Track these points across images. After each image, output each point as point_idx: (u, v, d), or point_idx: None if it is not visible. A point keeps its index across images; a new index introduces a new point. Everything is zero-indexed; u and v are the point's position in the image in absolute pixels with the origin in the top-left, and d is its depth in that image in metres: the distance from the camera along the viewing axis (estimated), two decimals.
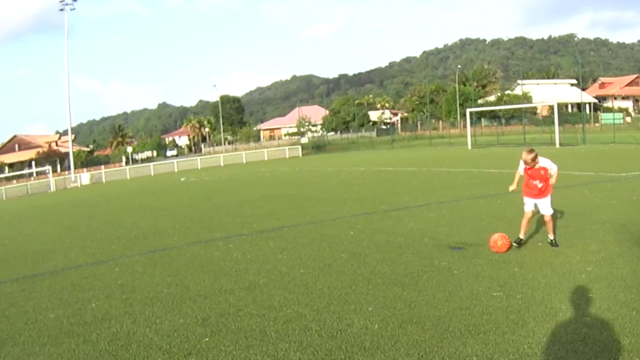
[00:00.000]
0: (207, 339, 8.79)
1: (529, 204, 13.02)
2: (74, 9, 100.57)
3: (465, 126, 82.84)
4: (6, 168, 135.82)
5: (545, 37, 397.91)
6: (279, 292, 10.97)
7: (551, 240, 12.75)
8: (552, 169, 12.71)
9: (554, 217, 12.90)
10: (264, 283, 11.84)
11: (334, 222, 18.83)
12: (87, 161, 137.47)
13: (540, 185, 12.75)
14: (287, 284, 11.60)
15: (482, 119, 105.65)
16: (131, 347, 8.85)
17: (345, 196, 26.24)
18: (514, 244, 12.68)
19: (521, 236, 12.83)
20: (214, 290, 11.68)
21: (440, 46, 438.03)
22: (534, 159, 12.56)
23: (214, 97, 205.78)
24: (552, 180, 12.80)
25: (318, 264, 12.94)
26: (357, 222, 18.25)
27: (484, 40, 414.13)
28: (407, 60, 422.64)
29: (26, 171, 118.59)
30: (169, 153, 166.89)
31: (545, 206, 12.84)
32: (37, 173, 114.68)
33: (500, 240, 12.50)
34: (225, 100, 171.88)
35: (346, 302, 9.86)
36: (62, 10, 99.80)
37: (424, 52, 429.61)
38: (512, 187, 13.50)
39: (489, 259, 11.90)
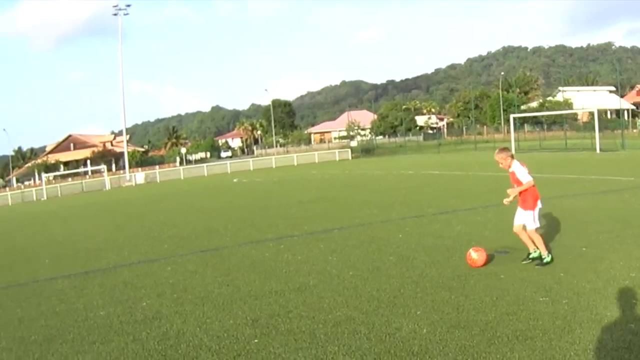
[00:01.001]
0: (256, 341, 8.63)
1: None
2: (127, 14, 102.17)
3: (508, 131, 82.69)
4: (61, 166, 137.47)
5: (584, 46, 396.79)
6: (328, 294, 10.80)
7: (539, 264, 11.69)
8: (522, 178, 11.99)
9: (535, 233, 11.87)
10: (313, 285, 11.69)
11: (382, 225, 18.62)
12: (141, 161, 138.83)
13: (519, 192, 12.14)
14: (337, 286, 11.42)
15: (525, 125, 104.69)
16: (180, 346, 8.73)
17: (394, 199, 26.04)
18: (523, 262, 12.10)
19: (531, 251, 11.95)
20: (264, 291, 11.54)
21: (484, 53, 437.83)
22: (500, 159, 12.08)
23: (265, 100, 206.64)
24: (512, 191, 12.08)
25: (367, 267, 12.75)
26: (405, 225, 18.02)
27: (526, 48, 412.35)
28: (452, 67, 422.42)
29: (81, 169, 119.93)
30: (223, 154, 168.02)
31: (518, 216, 12.10)
32: (92, 172, 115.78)
33: (474, 254, 12.08)
34: (277, 104, 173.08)
35: (395, 305, 9.67)
36: (115, 15, 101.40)
37: (468, 59, 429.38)
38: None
39: (534, 264, 11.55)
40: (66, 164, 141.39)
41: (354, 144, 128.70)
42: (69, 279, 15.31)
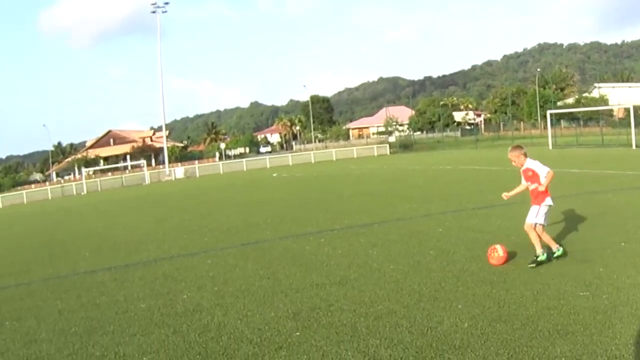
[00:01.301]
0: (298, 333, 8.56)
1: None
2: (165, 11, 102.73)
3: (545, 127, 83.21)
4: (101, 161, 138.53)
5: (619, 42, 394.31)
6: (369, 288, 10.69)
7: (535, 261, 11.29)
8: (541, 172, 11.59)
9: (536, 229, 11.51)
10: (354, 278, 11.58)
11: (422, 219, 18.51)
12: (181, 156, 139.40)
13: (532, 188, 11.87)
14: (378, 279, 11.31)
15: (561, 121, 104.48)
16: (221, 339, 8.66)
17: (433, 193, 25.93)
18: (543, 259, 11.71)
19: (554, 249, 11.56)
20: (305, 284, 11.46)
21: (520, 50, 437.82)
22: (514, 157, 11.97)
23: (304, 97, 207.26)
24: (542, 187, 11.54)
25: (408, 261, 12.62)
26: (445, 220, 17.87)
27: (561, 45, 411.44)
28: (489, 63, 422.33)
29: (121, 164, 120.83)
30: (262, 149, 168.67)
31: (530, 213, 11.72)
32: (132, 166, 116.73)
33: (500, 251, 11.78)
34: (315, 100, 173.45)
35: (436, 299, 9.55)
36: (154, 12, 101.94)
37: (505, 56, 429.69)
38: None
39: (574, 258, 11.42)
40: (106, 159, 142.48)
41: (392, 139, 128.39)
42: (109, 272, 15.37)
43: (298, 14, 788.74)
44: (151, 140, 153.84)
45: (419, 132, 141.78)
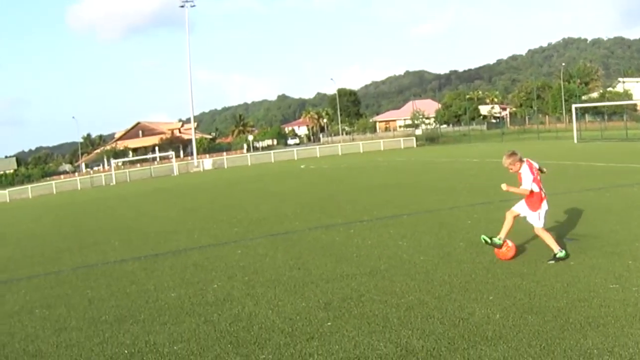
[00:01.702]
0: (329, 324, 8.48)
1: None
2: (194, 5, 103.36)
3: (570, 121, 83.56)
4: (130, 152, 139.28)
5: None
6: (400, 279, 10.60)
7: (554, 255, 11.10)
8: (524, 183, 11.50)
9: (543, 231, 11.37)
10: (385, 269, 11.50)
11: (450, 211, 18.39)
12: (209, 148, 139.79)
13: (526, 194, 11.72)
14: (408, 270, 11.22)
15: (586, 115, 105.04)
16: (253, 328, 8.60)
17: (461, 186, 25.70)
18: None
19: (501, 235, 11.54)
20: (335, 275, 11.38)
21: (545, 45, 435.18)
22: (509, 164, 11.65)
23: (331, 90, 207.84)
24: (513, 188, 11.65)
25: (437, 252, 12.54)
26: (473, 212, 17.77)
27: (585, 40, 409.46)
28: (514, 57, 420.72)
29: (150, 156, 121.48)
30: (290, 142, 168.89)
31: (520, 205, 11.85)
32: (161, 158, 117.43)
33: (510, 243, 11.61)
34: (343, 93, 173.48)
35: (467, 290, 9.48)
36: (182, 6, 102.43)
37: (529, 50, 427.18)
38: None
39: (603, 251, 11.30)
40: (135, 150, 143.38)
41: (418, 132, 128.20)
42: (139, 261, 15.38)
43: (326, 8, 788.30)
44: (180, 132, 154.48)
45: (445, 125, 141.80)
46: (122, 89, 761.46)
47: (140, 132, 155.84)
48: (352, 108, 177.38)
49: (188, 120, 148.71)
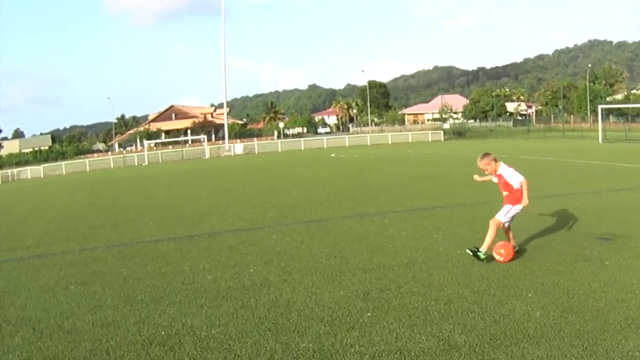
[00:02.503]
0: (369, 314, 8.27)
1: None
2: None
3: (594, 121, 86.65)
4: (162, 134, 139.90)
5: None
6: (437, 271, 10.38)
7: (473, 249, 10.95)
8: (514, 182, 11.30)
9: (497, 227, 11.07)
10: (422, 261, 11.26)
11: (483, 206, 17.97)
12: (240, 133, 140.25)
13: (505, 194, 11.53)
14: (445, 263, 10.99)
15: (610, 116, 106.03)
16: (291, 315, 8.41)
17: (491, 182, 25.27)
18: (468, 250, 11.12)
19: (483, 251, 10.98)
20: (372, 265, 11.15)
21: (571, 45, 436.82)
22: (485, 165, 11.46)
23: (361, 81, 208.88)
24: (524, 195, 11.18)
25: (473, 246, 12.03)
26: None
27: (611, 42, 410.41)
28: (540, 57, 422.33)
29: (182, 138, 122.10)
30: (321, 130, 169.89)
31: (501, 211, 11.35)
32: (192, 141, 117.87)
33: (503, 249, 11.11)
34: (373, 85, 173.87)
35: (505, 286, 9.25)
36: None
37: (556, 51, 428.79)
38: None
39: (637, 252, 11.04)
40: (167, 133, 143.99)
41: (446, 126, 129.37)
42: (173, 241, 15.25)
43: (359, 2, 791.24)
44: (212, 117, 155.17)
45: (472, 120, 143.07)
46: (156, 73, 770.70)
47: (173, 115, 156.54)
48: (382, 100, 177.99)
49: (220, 105, 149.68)
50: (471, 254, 10.64)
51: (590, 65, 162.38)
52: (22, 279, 12.34)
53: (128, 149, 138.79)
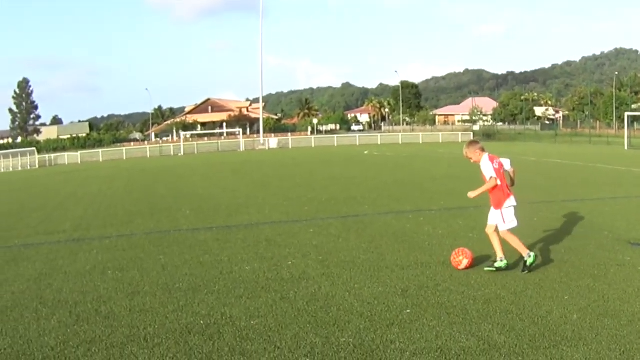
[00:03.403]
0: (408, 311, 8.11)
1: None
2: None
3: (619, 127, 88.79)
4: (199, 126, 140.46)
5: None
6: (474, 271, 10.22)
7: (493, 263, 10.39)
8: (486, 173, 10.57)
9: (510, 234, 10.46)
10: None
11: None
12: (274, 127, 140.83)
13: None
14: (481, 263, 10.77)
15: (635, 123, 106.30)
16: (331, 309, 8.27)
17: (523, 183, 24.55)
18: (487, 269, 10.36)
19: (497, 258, 10.51)
20: (410, 262, 10.99)
21: (598, 53, 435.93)
22: (469, 154, 10.69)
23: (393, 81, 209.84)
24: (479, 190, 10.71)
25: (507, 247, 11.52)
26: (538, 210, 17.20)
27: (636, 51, 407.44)
28: (568, 63, 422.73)
29: (217, 131, 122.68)
30: (355, 127, 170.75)
31: (491, 215, 10.79)
32: (228, 133, 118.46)
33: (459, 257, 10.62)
34: (405, 85, 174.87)
35: (542, 288, 9.10)
36: None
37: (583, 58, 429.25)
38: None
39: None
40: (203, 125, 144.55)
41: (476, 128, 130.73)
42: (211, 231, 15.18)
43: (394, 5, 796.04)
44: (247, 111, 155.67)
45: (501, 123, 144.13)
46: (193, 67, 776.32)
47: (209, 107, 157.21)
48: (414, 100, 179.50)
49: (255, 100, 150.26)
50: (493, 269, 10.10)
51: (616, 73, 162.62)
52: (59, 262, 12.31)
53: (164, 139, 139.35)
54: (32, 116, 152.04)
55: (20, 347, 7.32)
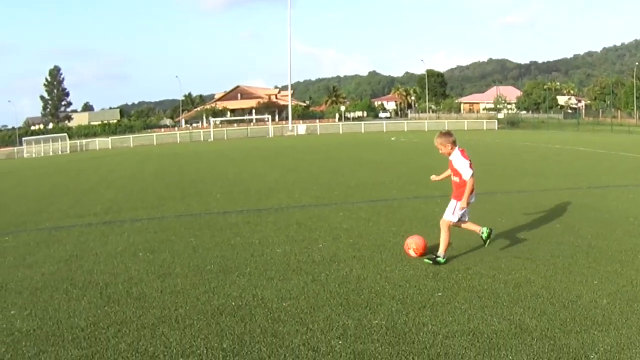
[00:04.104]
0: (440, 294, 8.00)
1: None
2: None
3: None
4: (228, 113, 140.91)
5: None
6: (504, 255, 10.13)
7: (432, 257, 9.88)
8: (463, 172, 10.30)
9: (448, 227, 10.22)
10: (487, 244, 10.81)
11: (542, 194, 17.73)
12: (303, 114, 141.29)
13: (457, 181, 10.54)
14: (510, 247, 10.72)
15: None
16: (363, 292, 8.15)
17: (548, 170, 25.06)
18: (427, 260, 9.88)
19: (480, 232, 10.53)
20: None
21: (619, 44, 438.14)
22: (440, 144, 10.33)
23: (419, 70, 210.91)
24: (465, 194, 10.30)
25: (536, 232, 12.00)
26: (563, 196, 17.04)
27: None
28: (589, 54, 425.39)
29: (247, 117, 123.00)
30: (382, 115, 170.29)
31: (448, 209, 10.49)
32: (257, 120, 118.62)
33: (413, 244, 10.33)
34: (431, 74, 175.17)
35: (571, 272, 8.96)
36: None
37: (604, 49, 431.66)
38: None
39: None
40: (233, 112, 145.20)
41: (500, 116, 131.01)
42: (242, 215, 15.11)
43: None
44: (276, 98, 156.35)
45: (524, 112, 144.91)
46: (222, 55, 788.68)
47: (239, 95, 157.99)
48: (439, 89, 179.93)
49: (284, 88, 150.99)
50: (431, 262, 9.70)
51: (637, 63, 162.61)
52: (90, 244, 12.29)
53: (195, 125, 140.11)
54: (63, 103, 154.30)
55: (50, 329, 7.25)
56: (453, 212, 10.25)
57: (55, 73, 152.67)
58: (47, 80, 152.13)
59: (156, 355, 6.30)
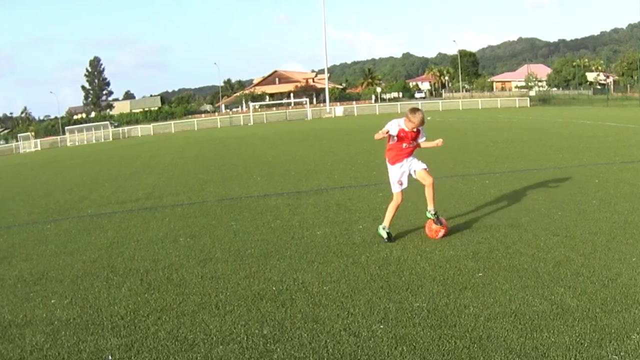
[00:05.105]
0: (480, 274, 7.77)
1: (402, 177, 10.50)
2: None
3: None
4: (267, 97, 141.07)
5: None
6: (542, 233, 9.81)
7: (434, 214, 10.00)
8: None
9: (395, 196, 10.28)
10: (526, 222, 10.66)
11: (577, 169, 17.32)
12: (340, 97, 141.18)
13: (412, 145, 10.41)
14: (549, 225, 10.37)
15: None
16: (403, 274, 7.92)
17: (581, 146, 24.55)
18: (385, 240, 9.84)
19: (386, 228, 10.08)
20: (478, 225, 10.62)
21: None
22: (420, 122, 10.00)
23: (451, 50, 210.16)
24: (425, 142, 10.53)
25: (573, 208, 11.66)
26: (598, 171, 16.68)
27: None
28: (615, 30, 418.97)
29: (285, 101, 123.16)
30: (417, 95, 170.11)
31: (419, 162, 10.51)
32: (295, 103, 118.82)
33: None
34: (463, 54, 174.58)
35: (609, 250, 8.66)
36: None
37: (629, 25, 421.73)
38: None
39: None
40: (271, 96, 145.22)
41: (532, 93, 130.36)
42: (281, 197, 15.00)
43: None
44: (313, 81, 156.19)
45: (555, 89, 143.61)
46: (259, 41, 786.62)
47: (277, 79, 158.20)
48: (472, 68, 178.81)
49: (320, 71, 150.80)
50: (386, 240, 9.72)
51: None
52: (130, 231, 12.27)
53: (234, 110, 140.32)
54: (104, 92, 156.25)
55: (89, 317, 7.18)
56: (390, 178, 10.57)
57: (95, 63, 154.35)
58: (87, 70, 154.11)
59: (195, 343, 6.18)
